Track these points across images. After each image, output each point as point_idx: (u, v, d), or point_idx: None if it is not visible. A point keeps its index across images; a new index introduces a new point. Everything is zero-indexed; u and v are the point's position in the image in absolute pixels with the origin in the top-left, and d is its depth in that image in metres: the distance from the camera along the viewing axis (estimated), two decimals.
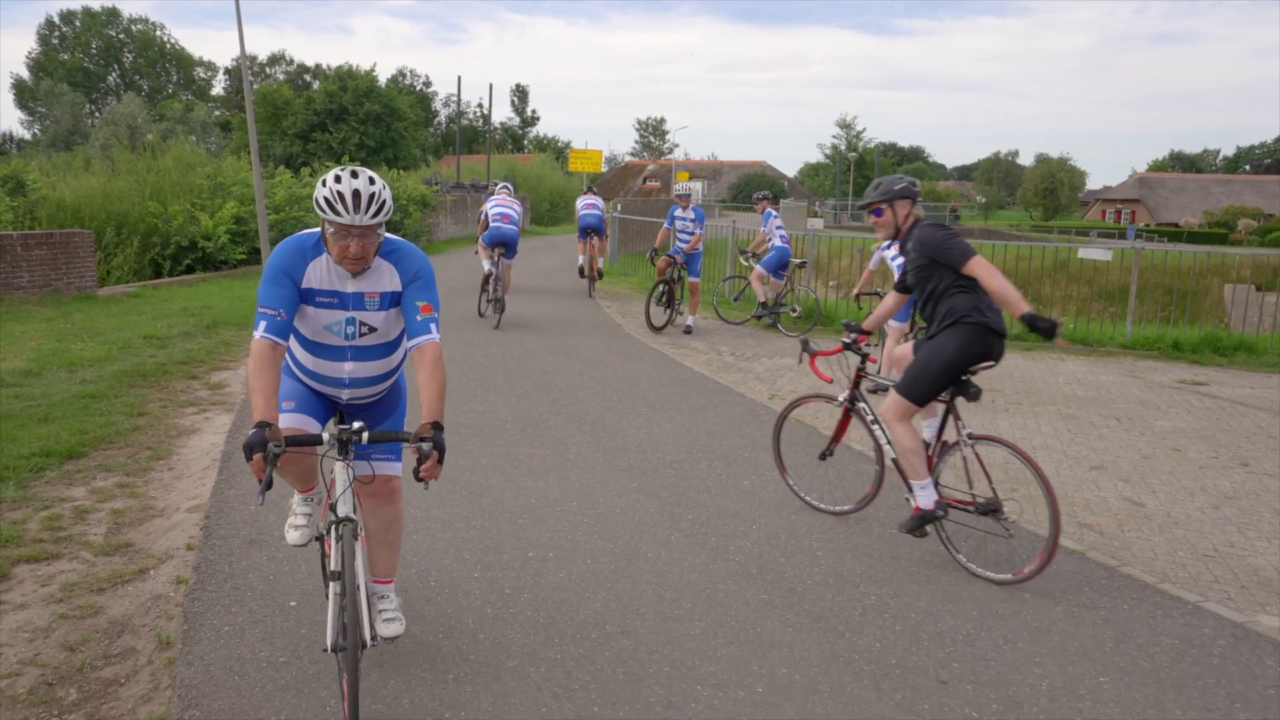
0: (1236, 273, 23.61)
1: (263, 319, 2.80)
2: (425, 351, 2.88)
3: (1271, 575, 4.46)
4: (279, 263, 2.86)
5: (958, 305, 4.22)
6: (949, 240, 4.24)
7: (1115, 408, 8.05)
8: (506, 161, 40.58)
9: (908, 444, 4.39)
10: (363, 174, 2.79)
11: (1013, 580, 4.17)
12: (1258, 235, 53.24)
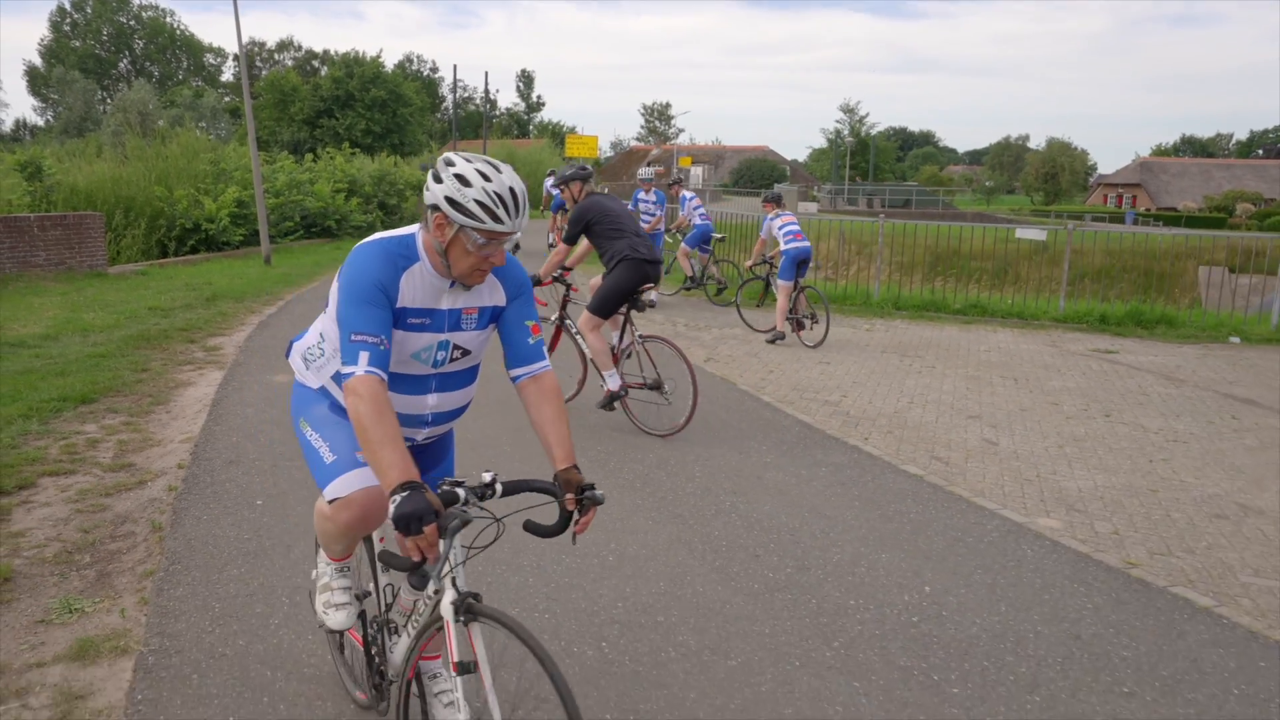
0: (1211, 255, 24.32)
1: (363, 349, 2.15)
2: (544, 382, 2.42)
3: (1074, 495, 5.37)
4: (373, 276, 2.23)
5: (618, 248, 6.02)
6: (578, 214, 6.10)
7: (1018, 370, 8.94)
8: (505, 147, 41.39)
9: (598, 346, 6.16)
10: (502, 166, 2.27)
11: (670, 432, 6.06)
12: (1256, 219, 53.55)
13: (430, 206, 2.24)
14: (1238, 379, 8.80)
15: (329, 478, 2.37)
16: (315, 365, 2.52)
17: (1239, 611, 3.87)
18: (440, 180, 2.22)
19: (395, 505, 1.97)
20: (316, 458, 2.42)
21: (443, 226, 2.24)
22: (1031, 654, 3.43)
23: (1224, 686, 3.25)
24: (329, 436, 2.42)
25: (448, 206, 2.20)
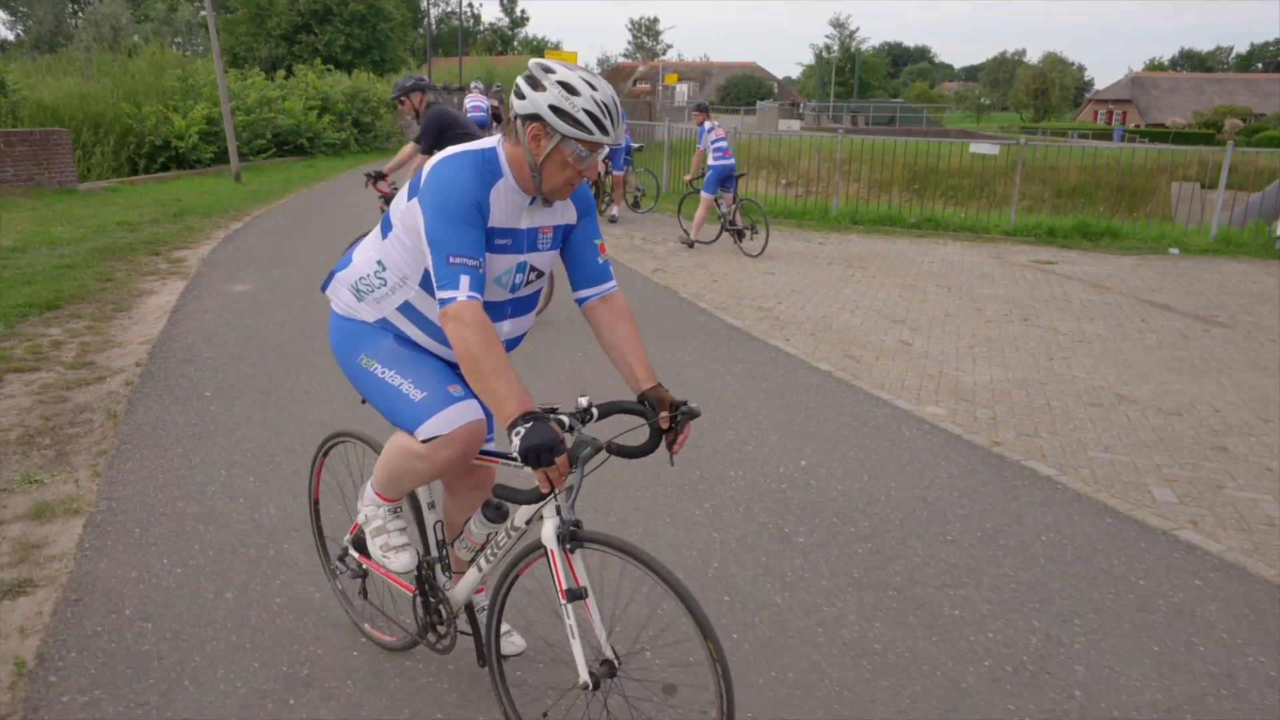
0: (1184, 171, 24.48)
1: (463, 273, 2.01)
2: (615, 301, 2.33)
3: (968, 388, 5.82)
4: (469, 193, 2.08)
5: None
6: (434, 122, 6.25)
7: (955, 280, 9.33)
8: (483, 64, 40.73)
9: None
10: (597, 77, 2.12)
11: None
12: (1244, 135, 53.30)
13: (527, 116, 2.06)
14: (1161, 287, 9.21)
15: (422, 416, 2.18)
16: (373, 296, 2.30)
17: (1076, 479, 4.35)
18: (541, 87, 2.05)
19: (521, 437, 1.88)
20: (398, 396, 2.22)
21: (540, 138, 2.07)
22: (878, 513, 3.91)
23: (1035, 534, 3.74)
24: (409, 372, 2.24)
25: (552, 116, 2.03)
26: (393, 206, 2.26)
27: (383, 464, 2.38)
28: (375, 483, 2.44)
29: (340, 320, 2.39)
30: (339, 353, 2.39)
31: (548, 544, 2.11)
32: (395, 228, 2.24)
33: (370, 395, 2.32)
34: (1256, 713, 2.65)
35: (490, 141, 2.20)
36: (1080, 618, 3.13)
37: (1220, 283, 9.48)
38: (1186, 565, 3.53)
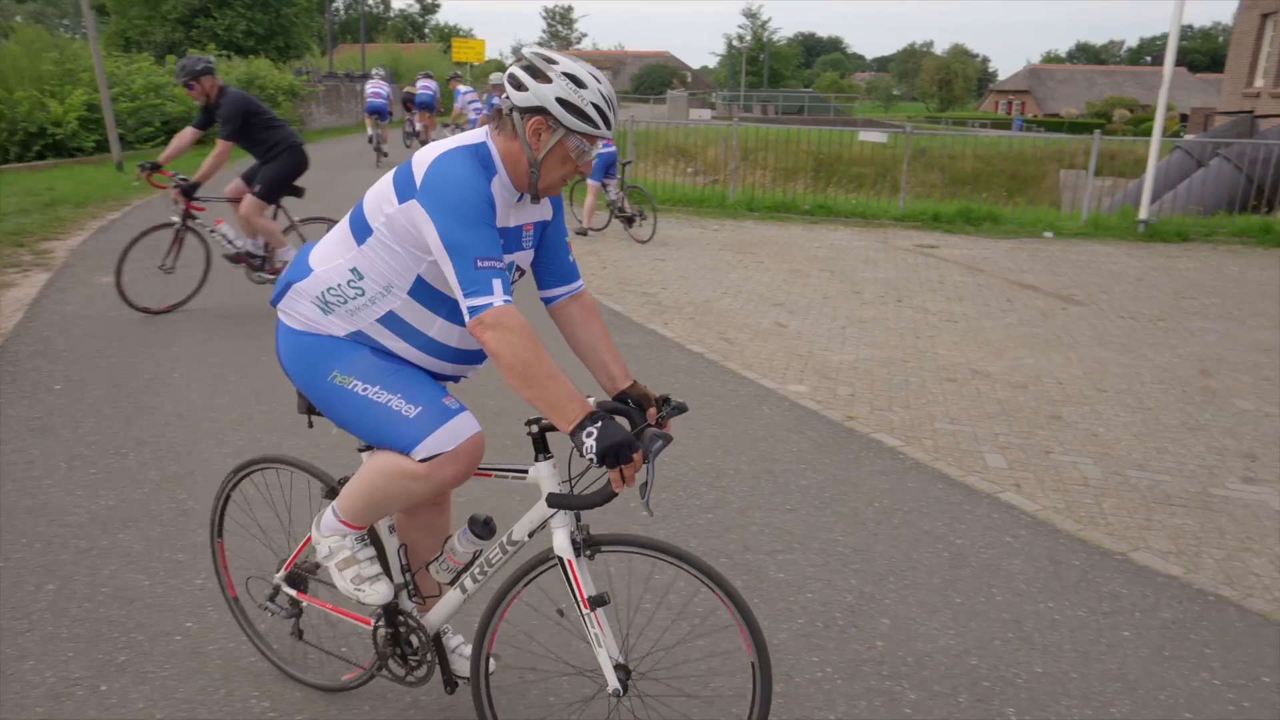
0: (1073, 159, 25.62)
1: (494, 276, 1.88)
2: (585, 300, 2.28)
3: (834, 367, 6.03)
4: (482, 191, 1.95)
5: (282, 136, 6.44)
6: (238, 109, 6.21)
7: (839, 264, 9.62)
8: (390, 51, 39.93)
9: (271, 228, 6.55)
10: (589, 65, 2.02)
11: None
12: (1132, 125, 55.98)
13: (529, 109, 1.95)
14: (1031, 268, 9.67)
15: (420, 433, 2.02)
16: (346, 308, 2.10)
17: (918, 449, 4.58)
18: (545, 79, 1.93)
19: (596, 438, 1.81)
20: (386, 414, 2.04)
21: (541, 132, 1.96)
22: (724, 485, 4.05)
23: (869, 501, 3.94)
24: (397, 387, 2.06)
25: (560, 109, 1.93)
26: (371, 209, 2.04)
27: (361, 489, 2.15)
28: (343, 510, 2.21)
29: (299, 336, 2.14)
30: (299, 372, 2.15)
31: (563, 554, 2.04)
32: (378, 232, 2.03)
33: (348, 416, 2.10)
34: (1035, 651, 2.87)
35: (478, 135, 2.04)
36: (896, 576, 3.32)
37: (1085, 264, 9.99)
38: (1002, 524, 3.77)
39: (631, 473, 1.83)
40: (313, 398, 2.16)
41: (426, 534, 2.40)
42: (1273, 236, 11.53)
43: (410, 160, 2.02)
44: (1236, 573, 3.44)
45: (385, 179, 2.05)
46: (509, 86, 1.98)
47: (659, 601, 3.00)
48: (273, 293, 2.17)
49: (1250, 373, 6.10)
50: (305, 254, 2.20)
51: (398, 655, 2.37)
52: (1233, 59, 22.92)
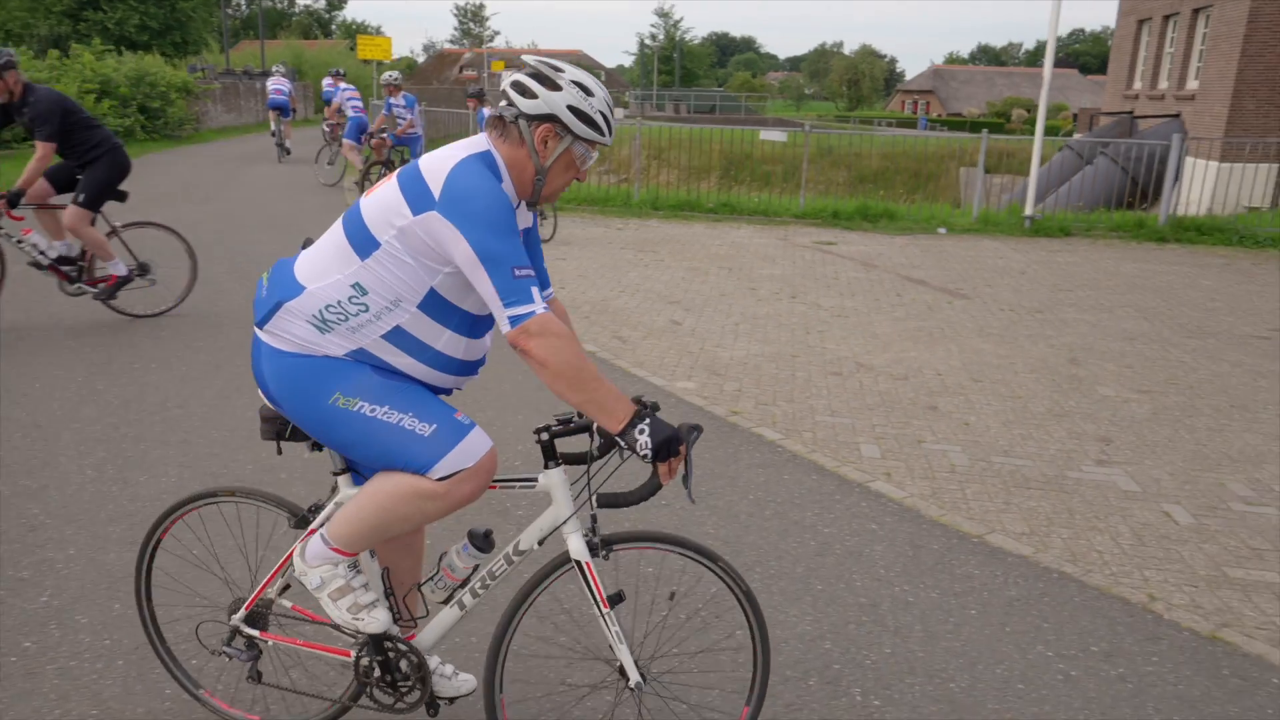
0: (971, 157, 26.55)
1: (531, 284, 1.89)
2: (558, 307, 2.27)
3: (724, 363, 6.13)
4: (505, 200, 1.92)
5: (102, 136, 6.05)
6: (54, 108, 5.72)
7: (739, 262, 9.77)
8: (291, 48, 38.88)
9: (97, 239, 6.16)
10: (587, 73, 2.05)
11: (160, 311, 6.53)
12: (1029, 124, 58.33)
13: (539, 117, 1.96)
14: (922, 263, 9.99)
15: (438, 451, 1.98)
16: (347, 326, 2.01)
17: (797, 442, 4.70)
18: (557, 87, 1.95)
19: (648, 435, 1.88)
20: (399, 434, 1.99)
21: (549, 140, 1.98)
22: None
23: (744, 494, 4.03)
24: (408, 406, 2.00)
25: (571, 117, 1.95)
26: (377, 221, 1.95)
27: (365, 513, 2.06)
28: (336, 538, 2.11)
29: (290, 359, 2.02)
30: (290, 397, 2.03)
31: (580, 558, 2.08)
32: (387, 245, 1.95)
33: (351, 440, 2.02)
34: (886, 633, 2.98)
35: (480, 142, 2.01)
36: (762, 566, 3.41)
37: (973, 258, 10.38)
38: (869, 512, 3.90)
39: (677, 465, 1.92)
40: (308, 423, 2.04)
41: (406, 555, 2.36)
42: (1146, 231, 12.17)
43: (416, 170, 1.96)
44: (1080, 550, 3.64)
45: (390, 189, 1.97)
46: (514, 94, 1.98)
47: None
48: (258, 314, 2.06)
49: (1115, 361, 6.43)
50: (287, 271, 2.07)
51: (385, 682, 2.27)
52: (1114, 62, 24.09)
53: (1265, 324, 7.57)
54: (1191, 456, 4.70)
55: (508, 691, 2.25)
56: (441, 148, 2.03)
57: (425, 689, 2.26)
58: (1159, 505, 4.09)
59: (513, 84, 1.99)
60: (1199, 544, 3.73)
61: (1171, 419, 5.27)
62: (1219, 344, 6.94)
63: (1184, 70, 19.90)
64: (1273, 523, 3.94)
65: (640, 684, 2.14)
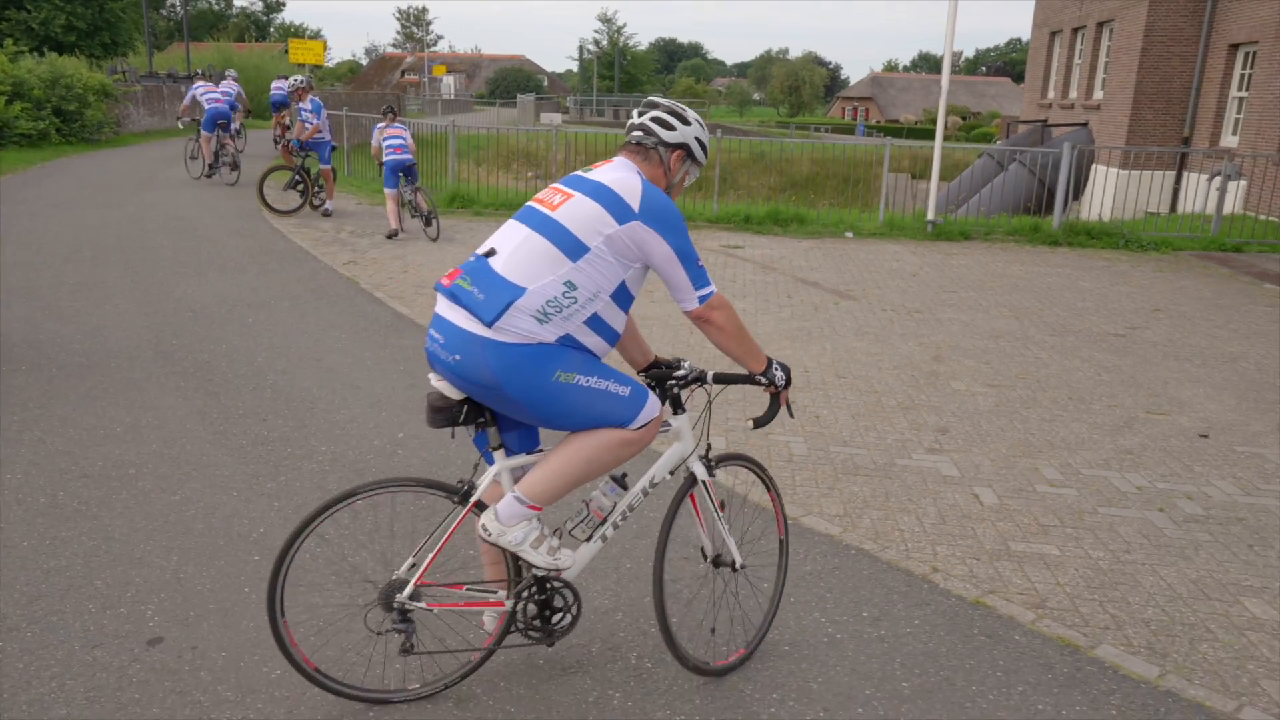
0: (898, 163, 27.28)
1: (705, 269, 2.49)
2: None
3: None
4: (678, 209, 2.50)
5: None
6: None
7: None
8: (221, 51, 38.31)
9: None
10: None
11: None
12: (963, 131, 59.83)
13: (676, 145, 2.58)
14: (820, 266, 10.36)
15: (637, 405, 2.49)
16: (561, 316, 2.39)
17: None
18: (688, 123, 2.59)
19: (782, 370, 2.66)
20: (606, 397, 2.44)
21: (679, 164, 2.60)
22: (446, 474, 4.28)
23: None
24: (607, 374, 2.46)
25: (697, 147, 2.60)
26: (585, 231, 2.39)
27: (570, 468, 2.49)
28: (532, 496, 2.48)
29: (516, 349, 2.35)
30: (520, 380, 2.36)
31: (702, 477, 2.79)
32: (596, 250, 2.39)
33: (567, 408, 2.42)
34: (677, 605, 3.23)
35: (630, 164, 2.55)
36: None
37: (871, 261, 10.78)
38: None
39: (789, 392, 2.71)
40: (531, 399, 2.39)
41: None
42: (1041, 235, 12.73)
43: (606, 187, 2.44)
44: (885, 530, 3.94)
45: (585, 204, 2.42)
46: (656, 126, 2.58)
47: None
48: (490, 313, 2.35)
49: (975, 358, 6.81)
50: (494, 275, 2.38)
51: (540, 618, 2.69)
52: (1030, 72, 24.96)
53: (1124, 323, 8.04)
54: (1017, 444, 5.06)
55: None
56: (605, 168, 2.53)
57: (579, 615, 2.71)
58: (971, 488, 4.42)
59: (653, 119, 2.58)
60: (995, 522, 4.05)
61: (1010, 410, 5.63)
62: (1076, 341, 7.37)
63: (1091, 81, 20.75)
64: (1068, 502, 4.29)
65: (743, 565, 2.94)
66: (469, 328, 2.37)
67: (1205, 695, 2.83)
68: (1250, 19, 16.15)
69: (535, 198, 2.54)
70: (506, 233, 2.47)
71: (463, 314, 2.38)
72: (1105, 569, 3.64)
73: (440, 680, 2.69)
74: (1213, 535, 3.98)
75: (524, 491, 2.50)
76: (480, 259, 2.43)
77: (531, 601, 2.65)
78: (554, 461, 2.50)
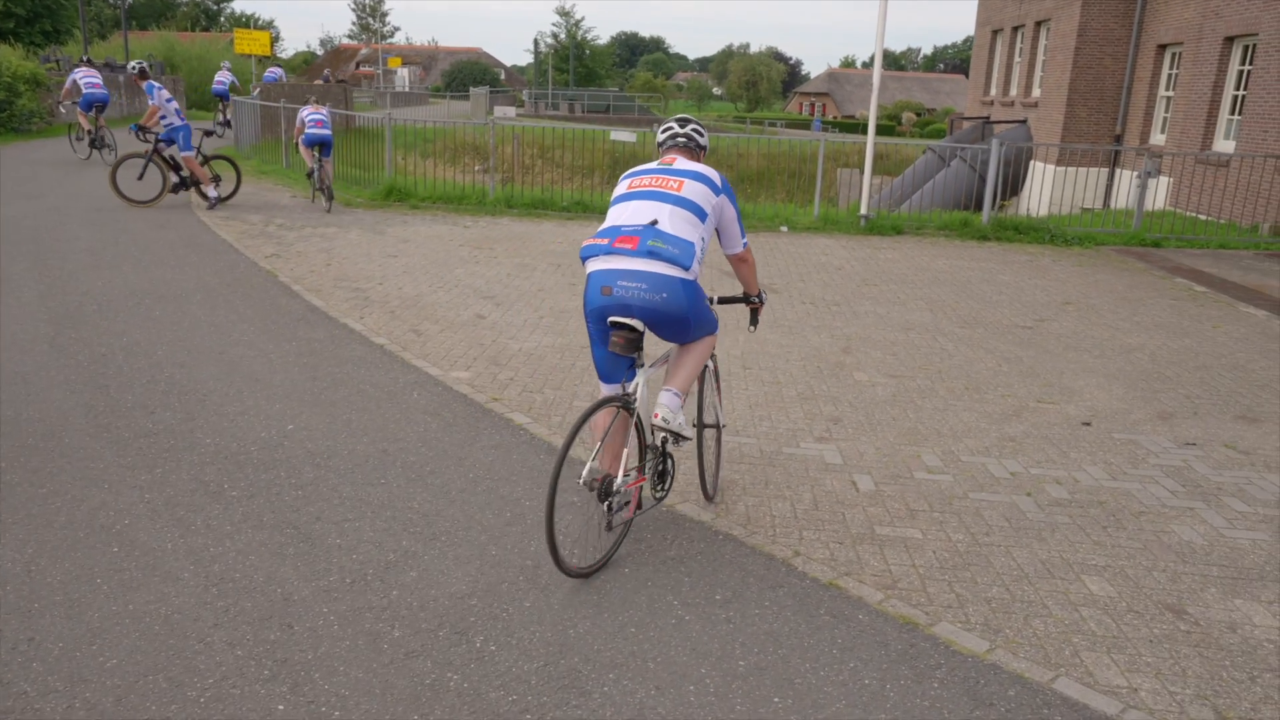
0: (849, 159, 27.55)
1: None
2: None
3: (510, 354, 6.38)
4: None
5: None
6: None
7: (571, 258, 10.03)
8: (164, 40, 37.54)
9: None
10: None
11: None
12: (918, 127, 60.58)
13: (704, 148, 3.72)
14: None
15: (716, 319, 3.68)
16: (698, 261, 3.41)
17: (543, 426, 4.98)
18: (704, 134, 3.75)
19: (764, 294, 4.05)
20: (711, 314, 3.60)
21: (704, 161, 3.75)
22: (332, 465, 4.29)
23: (463, 472, 4.28)
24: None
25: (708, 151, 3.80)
26: (704, 202, 3.45)
27: (696, 365, 3.61)
28: (681, 389, 3.54)
29: (693, 285, 3.39)
30: (694, 307, 3.40)
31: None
32: (710, 214, 3.48)
33: (704, 321, 3.53)
34: (535, 591, 3.28)
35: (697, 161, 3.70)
36: (449, 535, 3.68)
37: (800, 255, 10.91)
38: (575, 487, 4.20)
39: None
40: (696, 320, 3.45)
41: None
42: (970, 230, 12.96)
43: (702, 173, 3.51)
44: (757, 516, 4.02)
45: (699, 186, 3.48)
46: (699, 137, 3.74)
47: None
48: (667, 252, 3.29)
49: (883, 349, 6.94)
50: (671, 235, 3.33)
51: (660, 485, 3.76)
52: (974, 70, 25.36)
53: (1034, 315, 8.24)
54: (905, 433, 5.18)
55: None
56: (682, 161, 3.58)
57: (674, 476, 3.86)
58: (850, 475, 4.53)
59: (694, 130, 3.74)
60: (866, 507, 4.16)
61: (906, 400, 5.76)
62: (985, 333, 7.55)
63: (1029, 79, 21.14)
64: (941, 488, 4.41)
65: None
66: (671, 273, 3.30)
67: (1026, 668, 2.95)
68: (1176, 20, 16.57)
69: (638, 184, 3.50)
70: (647, 208, 3.40)
71: (663, 264, 3.28)
72: (962, 551, 3.76)
73: (607, 552, 3.52)
74: (1071, 518, 4.13)
75: (677, 387, 3.54)
76: (650, 227, 3.32)
77: (655, 472, 3.67)
78: (687, 364, 3.60)
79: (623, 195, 3.51)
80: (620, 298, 3.27)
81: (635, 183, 3.50)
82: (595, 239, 3.39)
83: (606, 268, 3.32)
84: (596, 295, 3.36)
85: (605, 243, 3.32)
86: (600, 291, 3.32)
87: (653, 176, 3.48)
